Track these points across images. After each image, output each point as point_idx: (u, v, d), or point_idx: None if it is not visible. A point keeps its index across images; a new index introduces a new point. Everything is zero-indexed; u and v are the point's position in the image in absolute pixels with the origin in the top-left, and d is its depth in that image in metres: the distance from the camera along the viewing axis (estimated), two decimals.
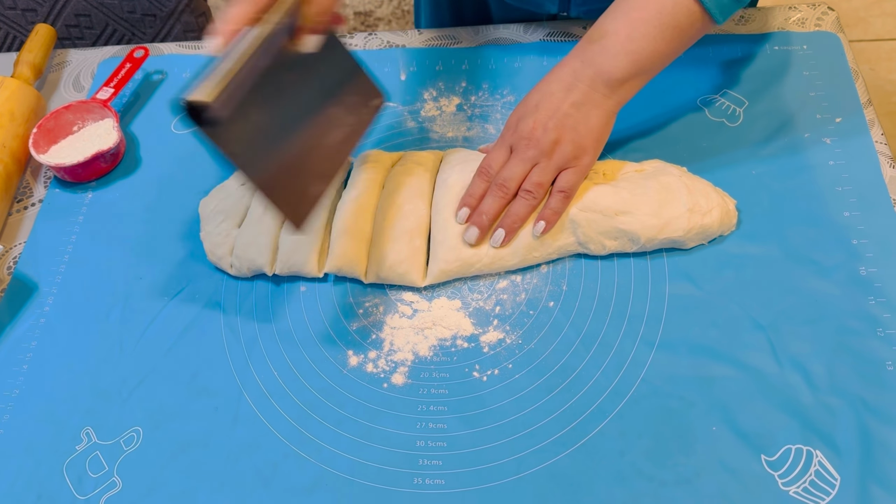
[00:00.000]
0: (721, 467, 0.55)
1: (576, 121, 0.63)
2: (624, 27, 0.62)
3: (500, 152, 0.66)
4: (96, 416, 0.62)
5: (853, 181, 0.68)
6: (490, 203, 0.64)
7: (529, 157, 0.64)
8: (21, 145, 0.78)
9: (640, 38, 0.62)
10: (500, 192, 0.64)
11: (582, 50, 0.64)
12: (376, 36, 0.87)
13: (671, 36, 0.62)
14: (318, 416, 0.61)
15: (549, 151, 0.63)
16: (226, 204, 0.70)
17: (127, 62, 0.82)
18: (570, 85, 0.63)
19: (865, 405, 0.57)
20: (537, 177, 0.63)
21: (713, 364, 0.60)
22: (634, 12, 0.62)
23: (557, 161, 0.63)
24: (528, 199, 0.64)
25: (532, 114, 0.64)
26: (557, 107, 0.63)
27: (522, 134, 0.64)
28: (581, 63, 0.63)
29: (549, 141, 0.63)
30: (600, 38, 0.63)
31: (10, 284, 0.70)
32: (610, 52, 0.62)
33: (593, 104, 0.63)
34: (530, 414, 0.59)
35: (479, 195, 0.65)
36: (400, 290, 0.67)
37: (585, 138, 0.63)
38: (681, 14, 0.61)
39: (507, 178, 0.64)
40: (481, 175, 0.66)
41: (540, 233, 0.63)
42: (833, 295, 0.62)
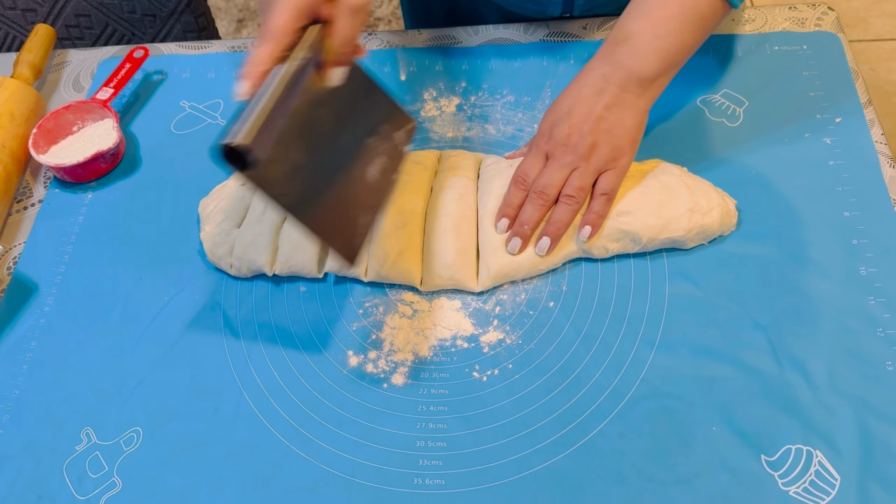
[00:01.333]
0: (721, 467, 0.55)
1: (611, 123, 0.63)
2: (648, 26, 0.63)
3: (535, 160, 0.65)
4: (96, 416, 0.62)
5: (853, 181, 0.68)
6: (530, 212, 0.64)
7: (567, 162, 0.63)
8: (21, 145, 0.78)
9: (666, 35, 0.62)
10: (541, 200, 0.63)
11: (609, 53, 0.64)
12: (376, 36, 0.87)
13: (695, 27, 0.62)
14: (318, 416, 0.61)
15: (587, 155, 0.63)
16: (226, 204, 0.70)
17: (127, 62, 0.82)
18: (602, 88, 0.63)
19: (865, 405, 0.57)
20: (578, 181, 0.63)
21: (713, 364, 0.60)
22: (657, 10, 0.62)
23: (596, 164, 0.63)
24: (571, 203, 0.63)
25: (566, 119, 0.64)
26: (591, 110, 0.63)
27: (559, 140, 0.64)
28: (610, 66, 0.63)
29: (587, 145, 0.63)
30: (626, 40, 0.63)
31: (10, 285, 0.70)
32: (638, 53, 0.63)
33: (626, 105, 0.63)
34: (530, 414, 0.59)
35: (517, 204, 0.64)
36: (400, 290, 0.67)
37: (622, 139, 0.63)
38: (703, 5, 0.62)
39: (547, 185, 0.63)
40: (517, 184, 0.65)
41: (587, 237, 0.63)
42: (833, 295, 0.62)
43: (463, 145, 0.76)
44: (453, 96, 0.80)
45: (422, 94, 0.80)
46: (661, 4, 0.62)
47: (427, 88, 0.80)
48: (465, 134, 0.77)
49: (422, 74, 0.82)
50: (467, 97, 0.79)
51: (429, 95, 0.80)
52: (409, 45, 0.85)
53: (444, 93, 0.80)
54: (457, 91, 0.80)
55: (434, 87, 0.81)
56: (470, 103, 0.79)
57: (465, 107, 0.79)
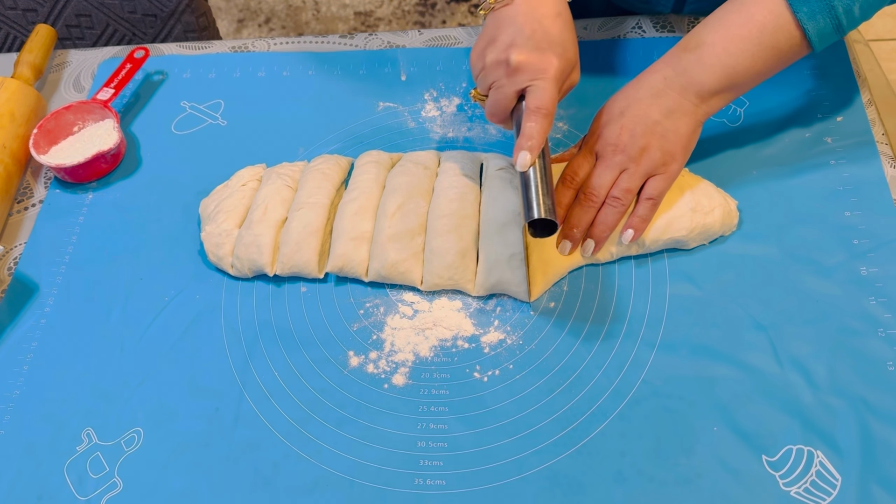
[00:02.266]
0: (722, 468, 0.55)
1: (665, 128, 0.62)
2: (722, 40, 0.61)
3: (584, 159, 0.65)
4: (97, 416, 0.62)
5: (854, 181, 0.68)
6: (580, 214, 0.63)
7: (617, 163, 0.63)
8: (21, 146, 0.78)
9: (738, 54, 0.61)
10: (590, 202, 0.63)
11: (675, 58, 0.63)
12: (376, 36, 0.87)
13: (768, 56, 0.61)
14: (319, 416, 0.61)
15: (637, 157, 0.62)
16: (226, 204, 0.70)
17: (127, 63, 0.82)
18: (660, 92, 0.63)
19: (866, 405, 0.57)
20: (626, 183, 0.62)
21: (714, 364, 0.60)
22: (735, 27, 0.61)
23: (645, 167, 0.62)
24: (617, 206, 0.63)
25: (618, 119, 0.63)
26: (646, 113, 0.62)
27: (609, 140, 0.63)
28: (673, 71, 0.62)
29: (638, 147, 0.62)
30: (696, 48, 0.62)
31: (11, 285, 0.70)
32: (705, 63, 0.61)
33: (683, 112, 0.62)
34: (531, 414, 0.59)
35: (565, 203, 0.64)
36: (401, 290, 0.67)
37: (674, 145, 0.62)
38: (781, 36, 0.60)
39: (596, 187, 0.63)
40: (566, 183, 0.64)
41: (628, 241, 0.63)
42: (834, 295, 0.62)
43: (463, 145, 0.76)
44: (453, 96, 0.80)
45: (422, 94, 0.80)
46: (741, 23, 0.61)
47: (427, 88, 0.80)
48: (465, 134, 0.77)
49: (422, 74, 0.82)
50: (467, 97, 0.79)
51: (429, 95, 0.80)
52: (409, 45, 0.85)
53: (444, 93, 0.80)
54: (457, 91, 0.80)
55: (434, 87, 0.81)
56: (470, 103, 0.79)
57: (466, 107, 0.79)
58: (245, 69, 0.85)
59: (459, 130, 0.77)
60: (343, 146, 0.77)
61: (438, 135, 0.77)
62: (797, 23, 0.59)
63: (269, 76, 0.84)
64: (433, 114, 0.79)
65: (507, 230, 0.64)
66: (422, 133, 0.77)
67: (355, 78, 0.82)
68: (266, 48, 0.87)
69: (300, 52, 0.86)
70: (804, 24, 0.59)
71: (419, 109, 0.79)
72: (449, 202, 0.66)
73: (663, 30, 0.82)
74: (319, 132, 0.78)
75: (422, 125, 0.78)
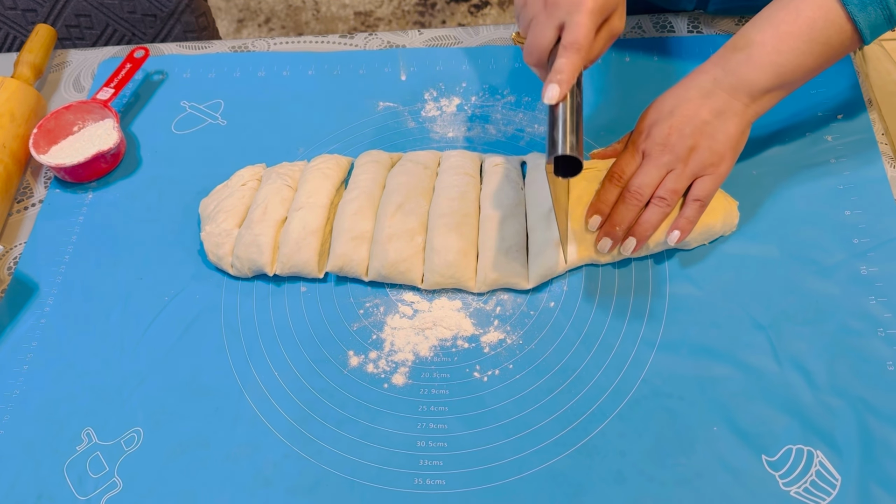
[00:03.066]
0: (722, 467, 0.55)
1: (714, 128, 0.62)
2: (772, 39, 0.61)
3: (631, 157, 0.64)
4: (97, 416, 0.62)
5: (854, 179, 0.68)
6: (624, 213, 0.63)
7: (664, 162, 0.62)
8: (21, 146, 0.78)
9: (788, 52, 0.60)
10: (635, 201, 0.62)
11: (724, 58, 0.62)
12: (376, 36, 0.87)
13: (819, 52, 0.60)
14: (319, 416, 0.61)
15: (685, 157, 0.62)
16: (226, 204, 0.70)
17: (127, 62, 0.82)
18: (710, 92, 0.62)
19: (866, 405, 0.57)
20: (672, 183, 0.62)
21: (714, 364, 0.60)
22: (784, 25, 0.60)
23: (693, 168, 0.62)
24: (663, 206, 0.62)
25: (667, 119, 0.62)
26: (695, 112, 0.62)
27: (657, 139, 0.62)
28: (723, 71, 0.62)
29: (686, 147, 0.61)
30: (745, 48, 0.61)
31: (11, 285, 0.70)
32: (755, 63, 0.61)
33: (733, 112, 0.62)
34: (531, 414, 0.59)
35: (610, 201, 0.63)
36: (400, 290, 0.67)
37: (723, 146, 0.62)
38: (832, 30, 0.60)
39: (642, 185, 0.62)
40: (612, 180, 0.64)
41: (675, 242, 0.63)
42: (834, 295, 0.62)
43: (463, 145, 0.76)
44: (453, 96, 0.80)
45: (422, 94, 0.80)
46: (790, 20, 0.60)
47: (427, 88, 0.80)
48: (465, 134, 0.77)
49: (422, 74, 0.82)
50: (467, 97, 0.79)
51: (429, 95, 0.80)
52: (409, 45, 0.85)
53: (444, 93, 0.80)
54: (457, 91, 0.80)
55: (434, 87, 0.81)
56: (470, 103, 0.79)
57: (466, 107, 0.79)
58: (245, 69, 0.85)
59: (459, 130, 0.77)
60: (343, 146, 0.77)
61: (438, 135, 0.77)
62: (848, 16, 0.59)
63: (269, 76, 0.84)
64: (433, 114, 0.78)
65: (505, 224, 0.64)
66: (422, 133, 0.77)
67: (355, 78, 0.82)
68: (266, 48, 0.87)
69: (300, 52, 0.86)
70: (855, 16, 0.58)
71: (419, 109, 0.79)
72: (450, 201, 0.66)
73: (663, 30, 0.82)
74: (319, 132, 0.78)
75: (422, 125, 0.78)
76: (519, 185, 0.68)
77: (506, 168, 0.69)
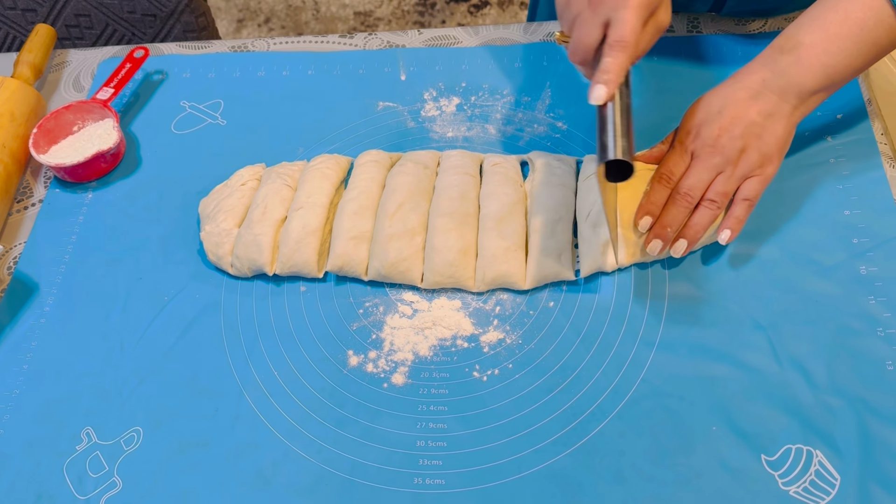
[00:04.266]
0: (721, 467, 0.55)
1: (762, 129, 0.61)
2: (821, 41, 0.60)
3: (680, 158, 0.64)
4: (96, 416, 0.62)
5: (854, 179, 0.68)
6: (675, 214, 0.62)
7: (714, 164, 0.62)
8: (21, 145, 0.78)
9: (837, 53, 0.60)
10: (686, 202, 0.62)
11: (772, 60, 0.62)
12: (376, 36, 0.87)
13: (867, 52, 0.60)
14: (319, 416, 0.61)
15: (734, 159, 0.62)
16: (226, 204, 0.70)
17: (127, 62, 0.82)
18: (758, 93, 0.62)
19: (866, 405, 0.57)
20: (722, 186, 0.62)
21: (713, 364, 0.60)
22: (833, 26, 0.60)
23: (743, 169, 0.62)
24: (713, 208, 0.62)
25: (716, 119, 0.62)
26: (744, 113, 0.61)
27: (706, 140, 0.62)
28: (772, 73, 0.62)
29: (736, 149, 0.61)
30: (794, 49, 0.61)
31: (11, 285, 0.70)
32: (804, 65, 0.61)
33: (781, 114, 0.62)
34: (530, 414, 0.59)
35: (660, 203, 0.63)
36: (400, 289, 0.67)
37: (772, 147, 0.62)
38: (881, 31, 0.59)
39: (692, 187, 0.62)
40: (662, 181, 0.64)
41: (726, 241, 0.63)
42: (833, 294, 0.62)
43: (463, 145, 0.76)
44: (453, 96, 0.80)
45: (422, 94, 0.80)
46: (839, 21, 0.60)
47: (427, 88, 0.80)
48: (465, 134, 0.77)
49: (422, 74, 0.82)
50: (467, 97, 0.79)
51: (429, 95, 0.80)
52: (409, 45, 0.85)
53: (444, 93, 0.80)
54: (457, 91, 0.80)
55: (434, 87, 0.81)
56: (470, 103, 0.79)
57: (465, 107, 0.79)
58: (245, 69, 0.85)
59: (459, 130, 0.77)
60: (343, 146, 0.77)
61: (438, 134, 0.77)
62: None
63: (268, 76, 0.84)
64: (433, 113, 0.79)
65: (504, 223, 0.65)
66: (422, 133, 0.77)
67: (355, 78, 0.82)
68: (266, 48, 0.87)
69: (300, 51, 0.86)
70: None
71: (419, 109, 0.79)
72: (450, 201, 0.66)
73: None
74: (319, 132, 0.78)
75: (421, 125, 0.78)
76: (518, 184, 0.68)
77: (505, 168, 0.69)
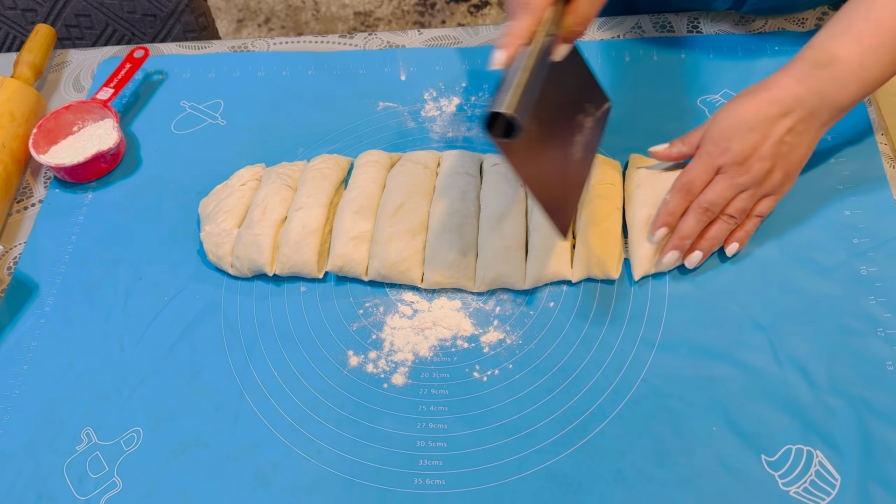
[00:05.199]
0: (721, 467, 0.55)
1: (790, 148, 0.61)
2: (856, 54, 0.59)
3: (704, 172, 0.62)
4: (96, 416, 0.62)
5: (855, 179, 0.68)
6: (693, 226, 0.62)
7: (740, 183, 0.61)
8: (21, 145, 0.78)
9: (872, 66, 0.59)
10: (706, 217, 0.62)
11: (808, 75, 0.60)
12: (376, 36, 0.87)
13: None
14: (319, 416, 0.61)
15: (760, 180, 0.61)
16: (226, 204, 0.70)
17: (127, 62, 0.82)
18: (791, 110, 0.60)
19: (866, 405, 0.57)
20: (744, 203, 0.62)
21: (713, 364, 0.60)
22: (867, 38, 0.59)
23: (765, 189, 0.62)
24: (731, 224, 0.62)
25: (747, 136, 0.60)
26: (774, 131, 0.60)
27: (736, 158, 0.61)
28: (807, 90, 0.60)
29: (764, 170, 0.61)
30: (829, 64, 0.59)
31: (11, 285, 0.70)
32: (840, 80, 0.59)
33: (809, 131, 0.61)
34: (531, 414, 0.59)
35: (678, 213, 0.63)
36: (400, 290, 0.67)
37: (794, 166, 0.62)
38: None
39: (714, 203, 0.62)
40: (682, 193, 0.63)
41: (732, 253, 0.63)
42: (833, 294, 0.62)
43: (463, 145, 0.76)
44: (453, 96, 0.80)
45: (422, 94, 0.80)
46: (872, 32, 0.59)
47: (427, 88, 0.80)
48: (465, 134, 0.77)
49: (422, 74, 0.82)
50: (467, 97, 0.79)
51: (429, 95, 0.80)
52: (409, 45, 0.85)
53: (444, 93, 0.80)
54: (457, 91, 0.80)
55: (434, 87, 0.81)
56: (470, 103, 0.79)
57: (466, 107, 0.79)
58: (245, 69, 0.85)
59: (459, 130, 0.77)
60: (343, 146, 0.77)
61: (438, 135, 0.77)
62: None
63: (268, 76, 0.84)
64: (433, 114, 0.79)
65: (504, 223, 0.65)
66: (422, 133, 0.77)
67: (355, 78, 0.82)
68: (266, 48, 0.87)
69: (300, 52, 0.86)
70: None
71: (419, 109, 0.79)
72: (450, 201, 0.66)
73: (662, 30, 0.82)
74: (319, 132, 0.78)
75: (422, 125, 0.78)
76: (518, 184, 0.68)
77: (505, 168, 0.69)
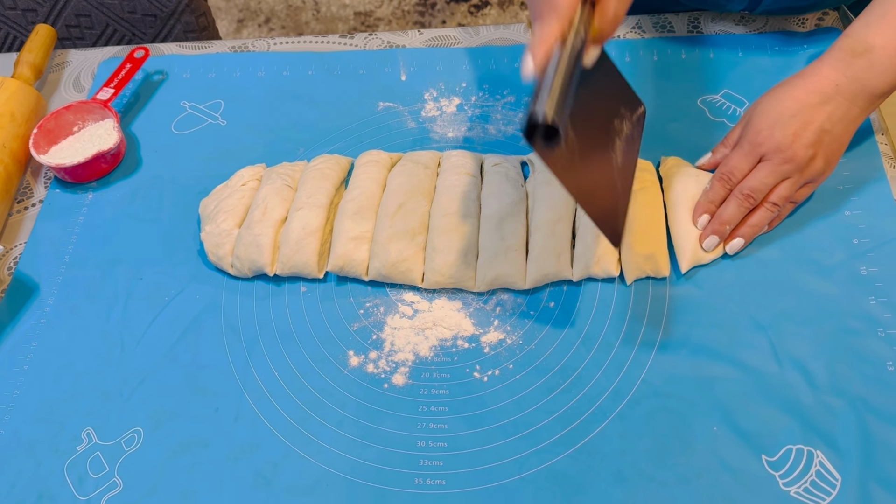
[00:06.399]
0: (722, 467, 0.55)
1: (832, 137, 0.62)
2: (892, 41, 0.60)
3: (745, 158, 0.63)
4: (97, 416, 0.62)
5: (855, 179, 0.68)
6: (734, 212, 0.63)
7: (783, 170, 0.62)
8: (21, 146, 0.78)
9: None
10: (748, 203, 0.63)
11: (845, 63, 0.61)
12: (376, 36, 0.87)
13: None
14: (319, 416, 0.61)
15: (803, 168, 0.62)
16: (226, 204, 0.70)
17: (127, 62, 0.82)
18: (830, 98, 0.61)
19: (866, 405, 0.57)
20: (786, 191, 0.62)
21: (714, 364, 0.60)
22: None
23: (807, 177, 0.62)
24: (774, 211, 0.63)
25: (788, 123, 0.61)
26: (816, 119, 0.61)
27: (780, 146, 0.61)
28: (846, 78, 0.61)
29: (807, 157, 0.61)
30: (865, 53, 0.61)
31: (11, 285, 0.70)
32: (877, 68, 0.60)
33: (849, 119, 0.62)
34: (531, 414, 0.59)
35: (719, 201, 0.64)
36: (401, 290, 0.67)
37: (834, 154, 0.63)
38: None
39: (756, 189, 0.62)
40: (723, 181, 0.64)
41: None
42: (834, 295, 0.62)
43: (463, 145, 0.76)
44: (453, 96, 0.80)
45: (422, 94, 0.80)
46: None
47: (427, 88, 0.80)
48: (465, 134, 0.77)
49: (422, 74, 0.82)
50: (467, 97, 0.79)
51: (429, 95, 0.80)
52: (409, 46, 0.85)
53: (444, 93, 0.80)
54: (457, 91, 0.80)
55: (434, 87, 0.81)
56: (470, 103, 0.79)
57: (466, 107, 0.79)
58: (245, 69, 0.85)
59: (459, 130, 0.77)
60: (343, 146, 0.77)
61: (438, 135, 0.77)
62: None
63: (269, 76, 0.84)
64: (433, 114, 0.79)
65: (504, 223, 0.65)
66: (422, 133, 0.77)
67: (355, 78, 0.82)
68: (266, 48, 0.87)
69: (300, 52, 0.86)
70: None
71: (419, 109, 0.79)
72: (451, 201, 0.66)
73: (663, 30, 0.82)
74: (319, 132, 0.78)
75: (422, 125, 0.78)
76: (519, 184, 0.68)
77: (506, 168, 0.69)
